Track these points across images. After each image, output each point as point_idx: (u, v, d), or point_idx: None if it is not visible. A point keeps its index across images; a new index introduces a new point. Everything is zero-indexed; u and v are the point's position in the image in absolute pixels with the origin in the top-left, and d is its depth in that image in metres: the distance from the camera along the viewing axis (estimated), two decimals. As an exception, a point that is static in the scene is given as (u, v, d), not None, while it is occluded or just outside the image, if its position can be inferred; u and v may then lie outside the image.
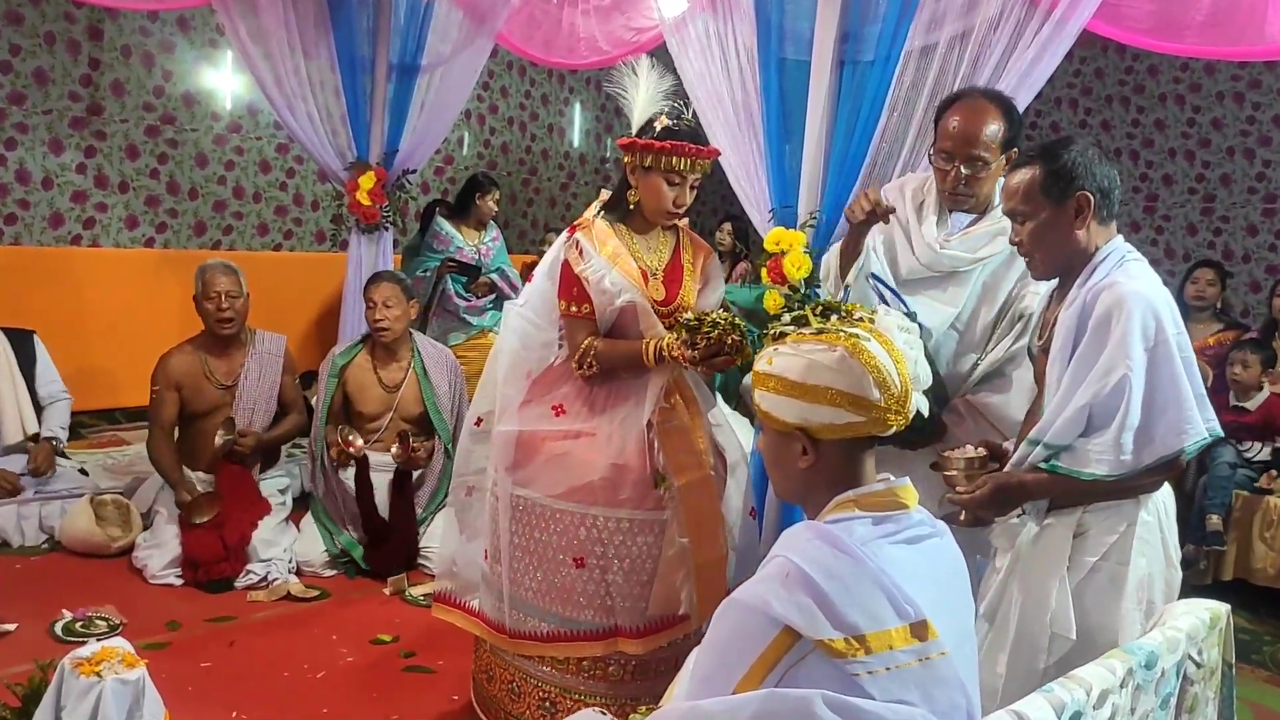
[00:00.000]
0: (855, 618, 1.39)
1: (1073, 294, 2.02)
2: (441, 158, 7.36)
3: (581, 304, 2.53)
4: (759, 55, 3.37)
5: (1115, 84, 7.75)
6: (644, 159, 2.50)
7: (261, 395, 3.92)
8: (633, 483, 2.49)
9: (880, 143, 3.15)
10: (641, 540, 2.50)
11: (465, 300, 5.59)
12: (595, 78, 8.43)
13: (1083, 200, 2.02)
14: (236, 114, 6.21)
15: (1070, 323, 1.99)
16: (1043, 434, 1.98)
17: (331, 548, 3.79)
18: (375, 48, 4.88)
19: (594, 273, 2.51)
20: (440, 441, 3.98)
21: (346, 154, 4.89)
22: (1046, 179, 2.03)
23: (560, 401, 2.58)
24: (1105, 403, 1.91)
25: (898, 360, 1.57)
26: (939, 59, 3.02)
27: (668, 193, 2.51)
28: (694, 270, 2.67)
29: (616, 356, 2.51)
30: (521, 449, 2.57)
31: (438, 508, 3.95)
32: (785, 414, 1.57)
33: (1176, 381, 1.92)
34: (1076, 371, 1.96)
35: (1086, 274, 2.02)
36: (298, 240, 6.62)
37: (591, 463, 2.49)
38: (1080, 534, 2.00)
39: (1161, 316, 1.93)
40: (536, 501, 2.53)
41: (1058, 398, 1.97)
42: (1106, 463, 1.92)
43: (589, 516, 2.49)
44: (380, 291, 3.96)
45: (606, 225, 2.60)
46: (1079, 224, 2.03)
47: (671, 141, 2.46)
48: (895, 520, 1.52)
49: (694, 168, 2.50)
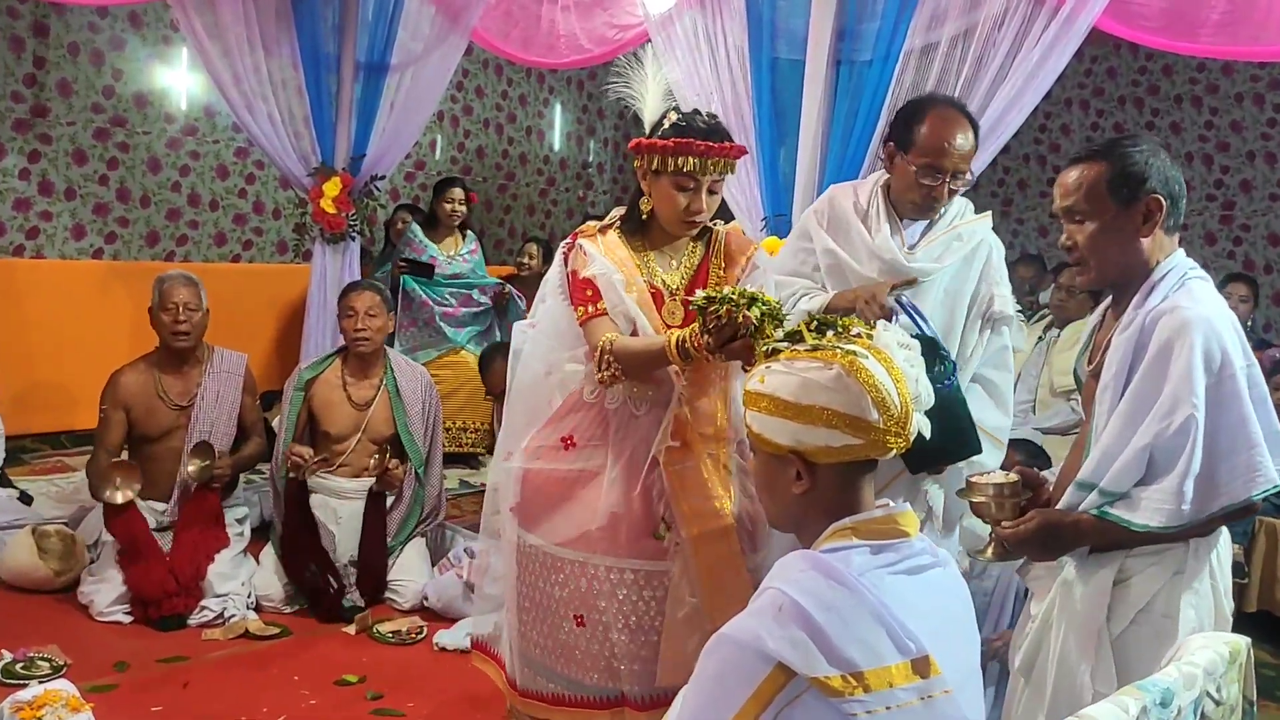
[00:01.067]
0: (853, 653, 1.39)
1: (1129, 316, 1.96)
2: (412, 163, 7.37)
3: (597, 301, 2.38)
4: (750, 54, 3.40)
5: (1128, 84, 7.83)
6: (652, 161, 2.34)
7: (220, 417, 3.90)
8: (634, 529, 2.38)
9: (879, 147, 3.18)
10: (648, 595, 2.39)
11: (443, 304, 5.58)
12: (577, 77, 8.47)
13: (1153, 204, 1.95)
14: (192, 116, 6.21)
15: (1126, 349, 1.93)
16: (1098, 478, 1.92)
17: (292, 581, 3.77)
18: (341, 45, 4.90)
19: (599, 269, 2.38)
20: (411, 466, 3.98)
21: (310, 158, 4.90)
22: (1115, 177, 1.95)
23: (570, 432, 2.45)
24: (1167, 446, 1.86)
25: (898, 379, 1.57)
26: (941, 58, 3.06)
27: (680, 199, 2.33)
28: (722, 277, 2.49)
29: (638, 351, 2.30)
30: (528, 487, 2.48)
31: (408, 538, 3.94)
32: (778, 436, 1.57)
33: (1245, 421, 1.86)
34: (1134, 407, 1.90)
35: (1144, 293, 1.96)
36: (258, 251, 6.61)
37: (593, 505, 2.39)
38: (1123, 581, 1.95)
39: (1228, 346, 1.87)
40: (539, 548, 2.46)
41: (1112, 435, 1.92)
42: (1164, 513, 1.86)
43: (589, 566, 2.40)
44: (362, 300, 3.96)
45: (617, 235, 2.47)
46: (1145, 231, 1.96)
47: (677, 139, 2.29)
48: (896, 549, 1.53)
49: (707, 168, 2.31)
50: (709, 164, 2.31)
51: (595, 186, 8.87)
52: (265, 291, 6.17)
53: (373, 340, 3.96)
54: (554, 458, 2.45)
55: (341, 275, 4.94)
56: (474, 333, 5.73)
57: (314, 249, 5.01)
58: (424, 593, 3.81)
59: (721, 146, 2.32)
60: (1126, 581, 1.95)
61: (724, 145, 2.33)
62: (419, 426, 4.02)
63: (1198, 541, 1.94)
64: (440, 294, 5.61)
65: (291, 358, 5.24)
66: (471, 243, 5.86)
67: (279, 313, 6.17)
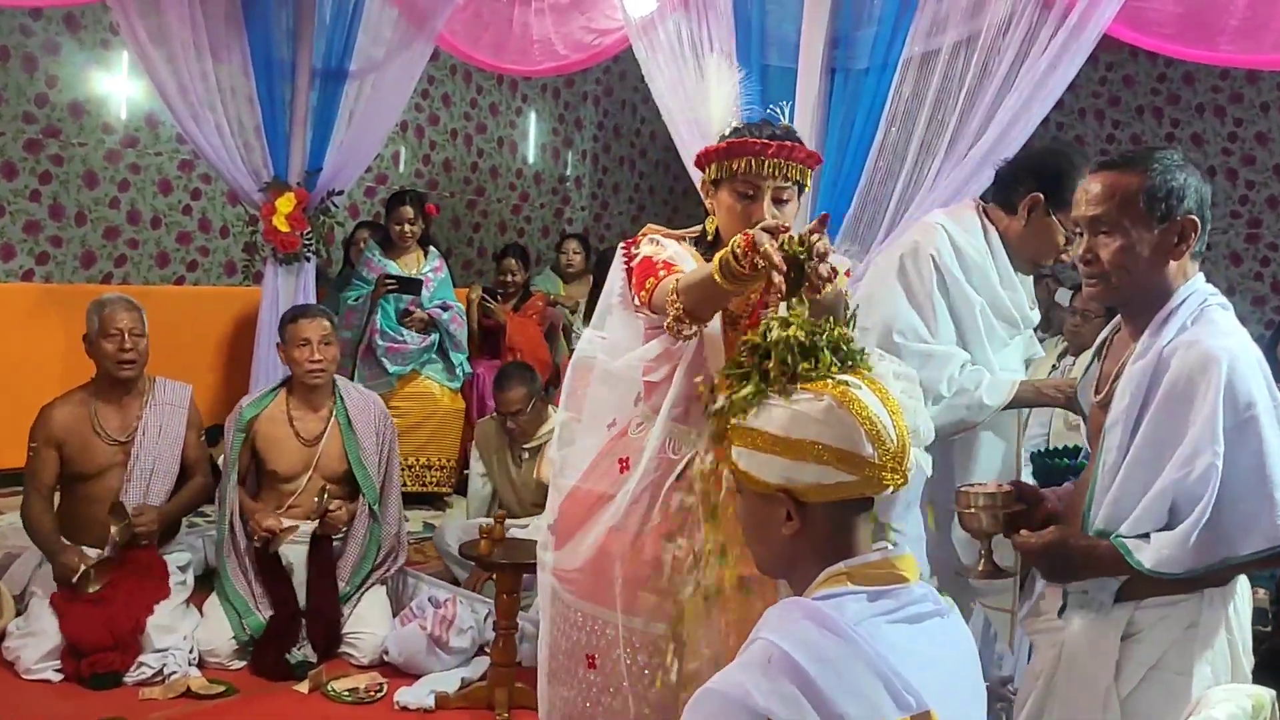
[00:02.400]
0: (848, 708, 1.40)
1: (1144, 344, 1.97)
2: (373, 177, 7.39)
3: (661, 270, 2.22)
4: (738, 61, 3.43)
5: (1146, 93, 7.94)
6: (710, 172, 2.28)
7: (162, 454, 3.89)
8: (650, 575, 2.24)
9: (877, 161, 3.22)
10: (643, 660, 2.26)
11: (393, 339, 5.58)
12: (552, 85, 8.53)
13: (1189, 225, 1.95)
14: (133, 126, 6.22)
15: (1140, 381, 1.94)
16: (1113, 526, 1.94)
17: (240, 634, 3.75)
18: (296, 50, 4.92)
19: (670, 253, 2.27)
20: (365, 503, 3.97)
21: (261, 172, 4.91)
22: (1152, 191, 1.95)
23: (628, 454, 2.33)
24: (1188, 493, 1.86)
25: (893, 411, 1.60)
26: (943, 66, 3.10)
27: (739, 209, 2.24)
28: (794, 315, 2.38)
29: (694, 284, 2.09)
30: (564, 518, 2.39)
31: (364, 584, 3.93)
32: (766, 473, 1.59)
33: (1263, 466, 1.86)
34: (1152, 451, 1.90)
35: (1160, 321, 1.96)
36: (204, 273, 6.61)
37: (609, 541, 2.28)
38: (1132, 635, 1.96)
39: (1252, 385, 1.87)
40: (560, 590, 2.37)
41: (1126, 478, 1.93)
42: (1166, 558, 1.86)
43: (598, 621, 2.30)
44: (314, 327, 3.96)
45: (689, 248, 2.35)
46: (1176, 253, 1.96)
47: (731, 140, 2.23)
48: (894, 596, 1.54)
49: (765, 169, 2.20)
50: (768, 165, 2.20)
51: (573, 202, 8.91)
52: (212, 317, 6.15)
53: (328, 371, 3.97)
54: (609, 478, 2.34)
55: (295, 299, 4.93)
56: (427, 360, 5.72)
57: (265, 270, 5.01)
58: (384, 646, 3.79)
59: (783, 146, 2.22)
60: (1136, 636, 1.95)
61: (787, 145, 2.23)
62: (373, 460, 4.02)
63: (1213, 592, 1.95)
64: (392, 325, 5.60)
65: (240, 389, 5.22)
66: (435, 260, 5.87)
67: (226, 340, 6.15)
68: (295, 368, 3.99)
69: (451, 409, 5.77)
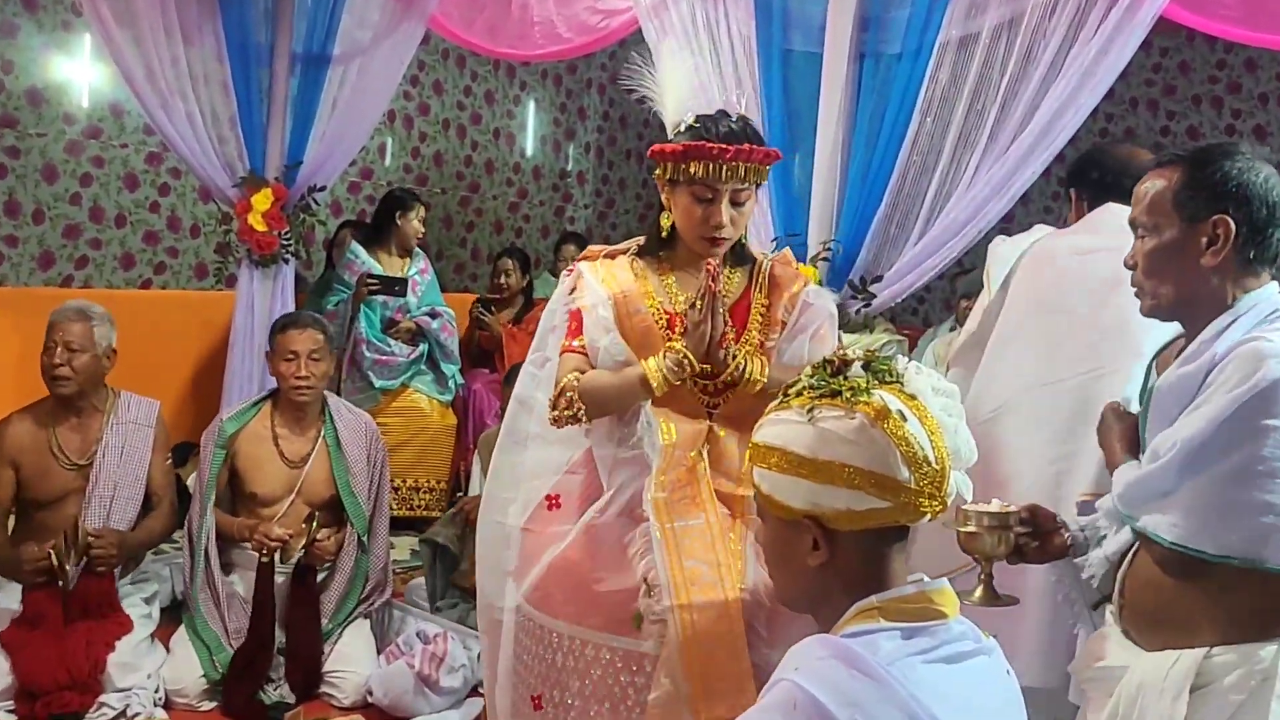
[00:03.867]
0: (880, 758, 1.40)
1: (1194, 349, 1.95)
2: (358, 171, 7.41)
3: (576, 336, 2.50)
4: (758, 46, 3.44)
5: (1204, 81, 7.93)
6: (666, 170, 2.43)
7: (125, 479, 3.86)
8: (618, 598, 2.38)
9: (910, 155, 3.22)
10: (625, 680, 2.36)
11: (380, 350, 5.59)
12: (553, 71, 8.55)
13: (1220, 226, 1.94)
14: (96, 115, 6.24)
15: (1187, 385, 1.91)
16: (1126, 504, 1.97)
17: (211, 672, 3.75)
18: (275, 33, 4.93)
19: (588, 301, 2.48)
20: (353, 531, 3.97)
21: (236, 166, 4.92)
22: (1183, 188, 1.96)
23: (557, 492, 2.55)
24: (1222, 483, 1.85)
25: (932, 431, 1.59)
26: (982, 52, 3.10)
27: (696, 211, 2.41)
28: (766, 315, 2.55)
29: (606, 386, 2.41)
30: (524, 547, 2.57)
31: (348, 619, 3.92)
32: (790, 498, 1.59)
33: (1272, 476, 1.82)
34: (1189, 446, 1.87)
35: (1218, 328, 1.93)
36: (172, 275, 6.62)
37: (564, 566, 2.45)
38: (1201, 687, 1.92)
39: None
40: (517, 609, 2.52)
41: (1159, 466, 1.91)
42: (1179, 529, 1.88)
43: (565, 639, 2.41)
44: (305, 339, 3.94)
45: (627, 262, 2.56)
46: (1210, 257, 1.95)
47: (690, 142, 2.37)
48: (931, 633, 1.54)
49: (721, 174, 2.36)
50: (726, 170, 2.36)
51: (575, 199, 8.93)
52: (181, 324, 6.15)
53: (315, 389, 3.95)
54: (538, 518, 2.53)
55: (272, 305, 4.94)
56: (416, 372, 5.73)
57: (240, 274, 5.01)
58: (367, 685, 3.79)
59: (741, 149, 2.37)
60: (1206, 689, 1.91)
61: (745, 148, 2.38)
62: (363, 484, 4.02)
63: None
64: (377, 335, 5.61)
65: (211, 403, 5.23)
66: (421, 261, 5.88)
67: (197, 350, 6.15)
68: (281, 382, 3.98)
69: (442, 425, 5.77)
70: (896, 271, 3.29)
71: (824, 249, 3.32)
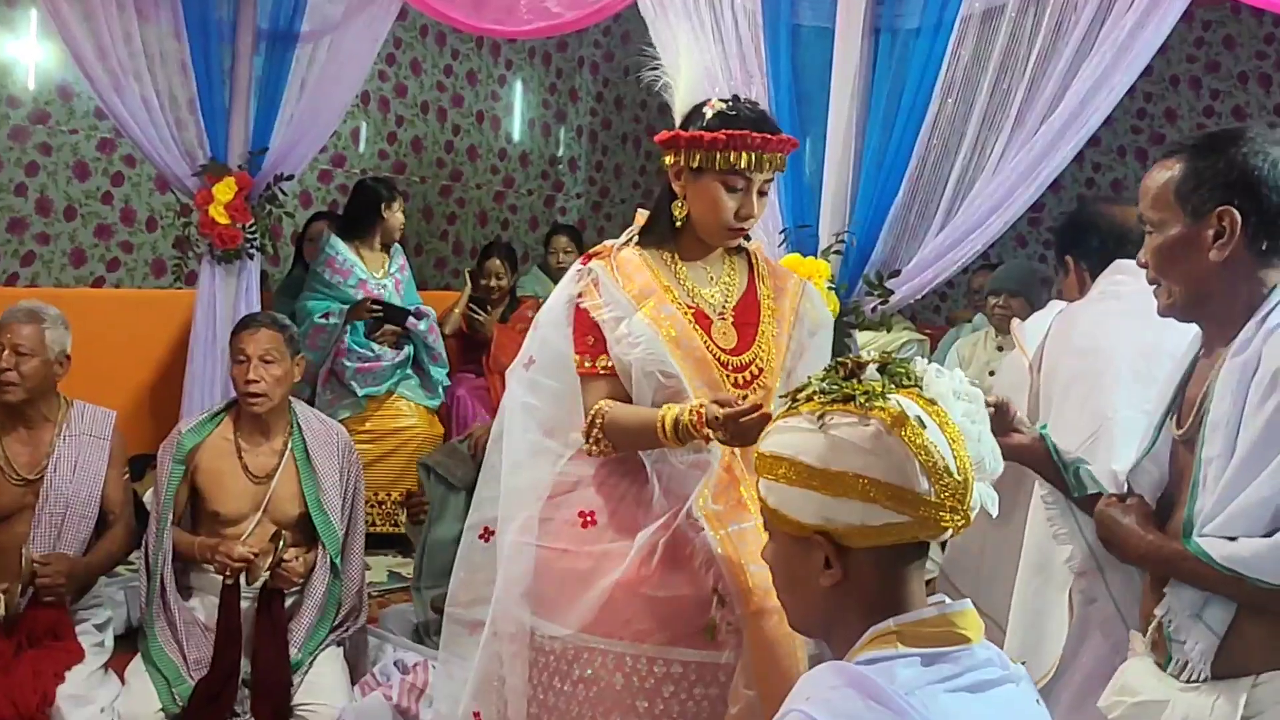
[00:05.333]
0: (897, 794, 1.40)
1: (1243, 338, 1.96)
2: (329, 158, 7.42)
3: (598, 356, 2.54)
4: (765, 20, 3.45)
5: (1251, 57, 7.94)
6: (691, 158, 2.50)
7: (78, 496, 3.85)
8: (677, 606, 2.46)
9: (930, 138, 3.22)
10: (699, 693, 2.46)
11: (363, 356, 5.60)
12: (542, 49, 8.55)
13: (1226, 218, 1.96)
14: (43, 99, 6.24)
15: (1242, 375, 1.93)
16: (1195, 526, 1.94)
17: (170, 705, 3.74)
18: (238, 8, 4.94)
19: (610, 313, 2.52)
20: (325, 553, 3.96)
21: (196, 154, 4.92)
22: (1185, 180, 2.00)
23: (590, 508, 2.57)
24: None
25: (954, 439, 1.59)
26: (1008, 25, 3.11)
27: (728, 202, 2.51)
28: (777, 309, 2.67)
29: (628, 427, 2.49)
30: (543, 568, 2.57)
31: (319, 647, 3.92)
32: (800, 512, 1.58)
33: None
34: (1258, 449, 1.88)
35: (1261, 316, 1.95)
36: (126, 272, 6.62)
37: (627, 584, 2.48)
38: (1251, 718, 1.92)
39: None
40: (562, 639, 2.52)
41: (1231, 484, 1.91)
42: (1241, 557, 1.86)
43: (627, 658, 2.46)
44: (256, 341, 3.93)
45: (638, 255, 2.61)
46: (1217, 252, 1.97)
47: (729, 131, 2.46)
48: (953, 660, 1.54)
49: (762, 165, 2.49)
50: (765, 160, 2.48)
51: (566, 188, 8.93)
52: (136, 325, 6.15)
53: (268, 396, 3.91)
54: (572, 534, 2.56)
55: (236, 304, 4.94)
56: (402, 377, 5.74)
57: (200, 270, 5.02)
58: (341, 719, 3.79)
59: (782, 139, 2.50)
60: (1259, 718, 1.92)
61: (781, 137, 2.50)
62: (335, 502, 4.01)
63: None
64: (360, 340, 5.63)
65: (170, 412, 5.23)
66: (399, 258, 5.89)
67: (154, 353, 6.15)
68: (235, 386, 3.98)
69: (429, 435, 5.77)
70: (916, 265, 3.30)
71: (837, 241, 3.33)
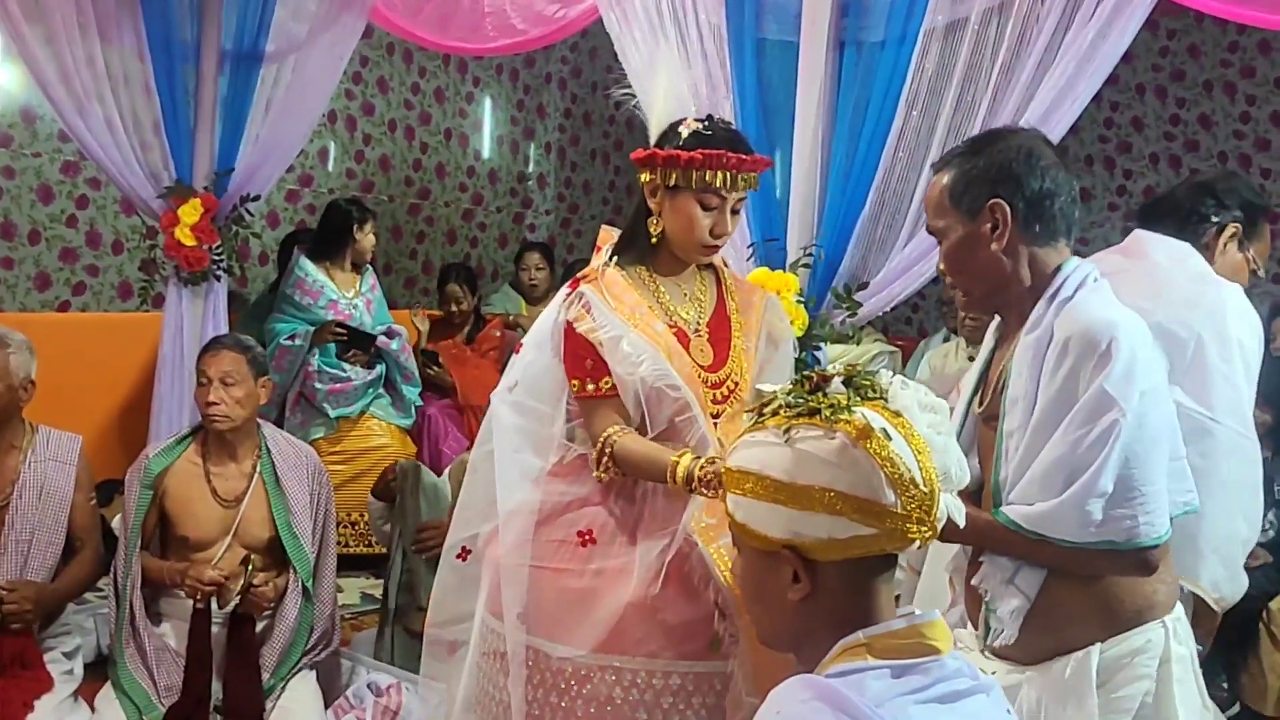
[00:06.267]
0: (868, 807, 1.40)
1: (1035, 315, 2.13)
2: (296, 178, 7.40)
3: (600, 378, 2.58)
4: (729, 35, 3.47)
5: (1216, 66, 8.00)
6: (668, 176, 2.56)
7: (44, 522, 3.83)
8: (684, 623, 2.52)
9: (896, 150, 3.24)
10: (698, 703, 2.53)
11: (334, 377, 5.58)
12: (510, 65, 8.56)
13: (998, 210, 2.13)
14: (6, 121, 6.21)
15: (1036, 350, 2.08)
16: (1002, 496, 2.08)
17: (140, 733, 3.73)
18: (201, 28, 4.94)
19: (607, 334, 2.56)
20: (296, 577, 3.95)
21: (162, 175, 4.91)
22: (956, 184, 2.18)
23: (588, 527, 2.61)
24: (1084, 457, 1.99)
25: (919, 450, 1.59)
26: (971, 38, 3.14)
27: (703, 220, 2.58)
28: (745, 324, 2.76)
29: (640, 462, 2.53)
30: (541, 588, 2.61)
31: (291, 672, 3.90)
32: (768, 526, 1.59)
33: (1150, 449, 2.01)
34: (1050, 415, 2.03)
35: (1050, 295, 2.13)
36: (92, 296, 6.59)
37: (623, 599, 2.53)
38: (1104, 684, 2.04)
39: (1140, 359, 2.02)
40: (556, 657, 2.56)
41: (1028, 450, 2.06)
42: (1038, 516, 2.00)
43: (626, 672, 2.51)
44: (217, 362, 3.91)
45: (620, 275, 2.66)
46: (997, 242, 2.14)
47: (705, 150, 2.53)
48: (923, 671, 1.54)
49: (737, 184, 2.56)
50: (740, 179, 2.57)
51: (535, 205, 8.94)
52: (103, 349, 6.12)
53: (230, 417, 3.89)
54: (570, 554, 2.60)
55: (204, 327, 4.93)
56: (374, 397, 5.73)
57: (167, 292, 5.00)
58: (314, 743, 3.77)
59: (755, 159, 2.59)
60: (1109, 684, 2.04)
61: (755, 157, 2.59)
62: (305, 525, 3.99)
63: (1173, 619, 2.08)
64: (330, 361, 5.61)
65: (137, 436, 5.21)
66: (370, 278, 5.88)
67: (121, 377, 6.13)
68: (199, 408, 3.94)
69: (402, 454, 5.73)
70: (884, 277, 3.31)
71: (805, 254, 3.34)
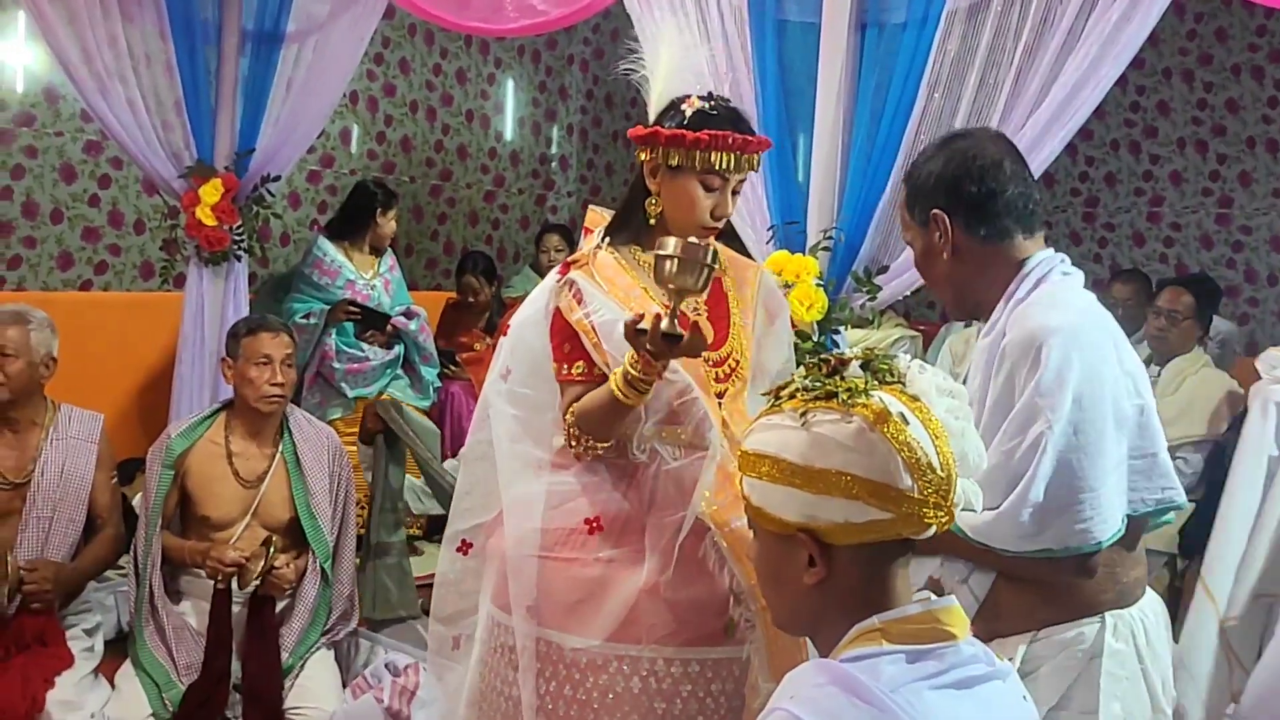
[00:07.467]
0: (882, 792, 1.40)
1: (993, 319, 2.19)
2: (317, 159, 7.41)
3: (574, 363, 2.56)
4: (751, 15, 3.45)
5: (1243, 49, 7.93)
6: (670, 156, 2.53)
7: (65, 500, 3.86)
8: (698, 609, 2.51)
9: (918, 133, 3.23)
10: (716, 689, 2.52)
11: (352, 357, 5.60)
12: (532, 46, 8.54)
13: (938, 220, 2.20)
14: (29, 101, 6.23)
15: (989, 354, 2.12)
16: None
17: (160, 710, 3.74)
18: (223, 9, 4.93)
19: (601, 318, 2.53)
20: (315, 559, 3.96)
21: (183, 155, 4.92)
22: (907, 199, 2.28)
23: (594, 515, 2.58)
24: (1017, 468, 2.00)
25: (937, 435, 1.59)
26: (994, 19, 3.12)
27: (704, 201, 2.55)
28: (741, 300, 2.73)
29: (594, 409, 2.50)
30: (550, 578, 2.58)
31: (309, 652, 3.91)
32: (783, 510, 1.59)
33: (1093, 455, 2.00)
34: (989, 422, 2.07)
35: (1007, 298, 2.17)
36: (114, 276, 6.61)
37: (636, 586, 2.51)
38: (1030, 673, 2.04)
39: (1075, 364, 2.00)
40: (568, 648, 2.54)
41: None
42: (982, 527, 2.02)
43: (642, 662, 2.49)
44: (277, 344, 3.91)
45: (612, 257, 2.64)
46: (947, 251, 2.21)
47: (710, 130, 2.49)
48: (938, 656, 1.54)
49: (740, 165, 2.53)
50: (744, 160, 2.53)
51: (557, 187, 8.93)
52: (124, 328, 6.15)
53: (286, 400, 3.96)
54: (579, 543, 2.57)
55: (224, 307, 4.94)
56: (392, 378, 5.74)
57: (189, 272, 5.01)
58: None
59: (758, 140, 2.56)
60: (1034, 674, 2.04)
61: (759, 138, 2.57)
62: (325, 506, 4.01)
63: (1114, 616, 2.08)
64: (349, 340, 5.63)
65: (158, 415, 5.23)
66: (389, 259, 5.89)
67: (143, 356, 6.15)
68: (249, 390, 3.92)
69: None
70: (905, 261, 3.30)
71: (825, 238, 3.33)
